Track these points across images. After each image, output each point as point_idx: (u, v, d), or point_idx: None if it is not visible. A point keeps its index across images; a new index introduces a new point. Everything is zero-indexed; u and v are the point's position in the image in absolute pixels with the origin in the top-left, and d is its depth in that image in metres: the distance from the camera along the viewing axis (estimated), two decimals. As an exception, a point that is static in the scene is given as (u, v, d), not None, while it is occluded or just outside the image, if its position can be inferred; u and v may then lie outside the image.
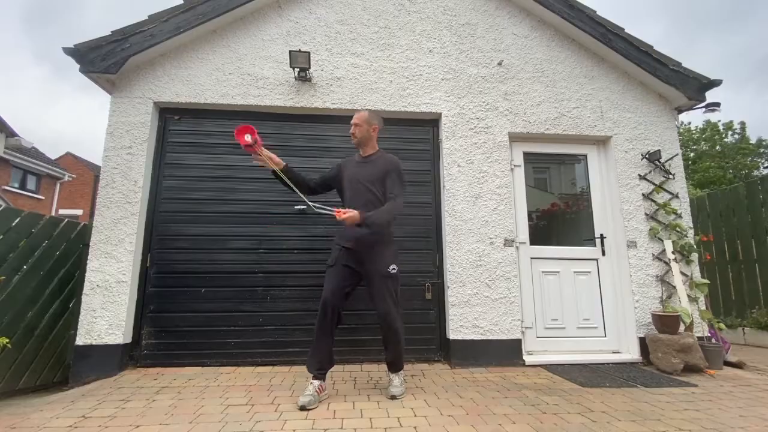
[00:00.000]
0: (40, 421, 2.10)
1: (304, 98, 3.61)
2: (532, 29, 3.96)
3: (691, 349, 3.10)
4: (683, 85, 3.75)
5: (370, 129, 2.65)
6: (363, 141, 2.65)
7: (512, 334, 3.35)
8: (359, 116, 2.65)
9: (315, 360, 2.41)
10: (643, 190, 3.72)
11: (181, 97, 3.51)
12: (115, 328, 3.07)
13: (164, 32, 3.38)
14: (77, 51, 3.23)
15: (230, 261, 3.39)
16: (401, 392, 2.45)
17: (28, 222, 3.15)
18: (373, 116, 2.69)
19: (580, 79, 3.90)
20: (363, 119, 2.63)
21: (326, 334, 2.40)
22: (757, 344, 4.41)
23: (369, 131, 2.65)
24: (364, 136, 2.64)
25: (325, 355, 2.42)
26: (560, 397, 2.49)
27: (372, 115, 2.69)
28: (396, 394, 2.42)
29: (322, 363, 2.42)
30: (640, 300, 3.51)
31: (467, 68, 3.81)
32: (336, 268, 2.47)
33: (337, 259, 2.49)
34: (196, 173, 3.51)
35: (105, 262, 3.16)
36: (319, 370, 2.40)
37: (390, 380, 2.54)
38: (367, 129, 2.64)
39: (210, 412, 2.20)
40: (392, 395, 2.42)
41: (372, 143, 2.69)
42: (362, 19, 3.82)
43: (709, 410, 2.27)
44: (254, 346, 3.26)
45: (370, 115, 2.67)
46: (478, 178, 3.60)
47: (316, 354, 2.42)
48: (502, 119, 3.74)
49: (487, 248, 3.48)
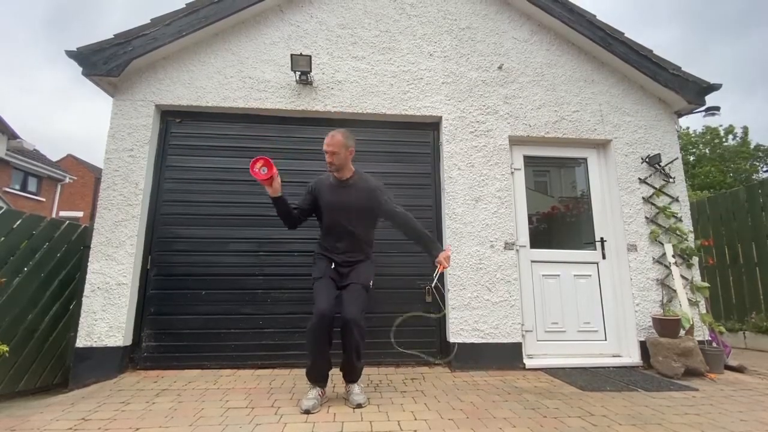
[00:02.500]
0: (39, 423, 2.10)
1: (305, 101, 3.63)
2: (532, 33, 3.98)
3: (692, 353, 3.09)
4: (683, 89, 3.76)
5: (347, 153, 2.48)
6: (341, 167, 2.49)
7: (512, 337, 3.34)
8: (334, 142, 2.44)
9: (316, 371, 2.37)
10: (643, 194, 3.73)
11: (183, 100, 3.52)
12: (116, 330, 3.07)
13: (166, 35, 3.40)
14: (80, 54, 3.25)
15: (231, 263, 3.40)
16: (365, 399, 2.35)
17: (29, 224, 3.16)
18: (348, 137, 2.50)
19: (580, 83, 3.92)
20: (339, 145, 2.43)
21: (325, 345, 2.33)
22: (758, 348, 4.40)
23: (346, 155, 2.48)
24: (342, 162, 2.47)
25: (325, 365, 2.40)
26: (560, 400, 2.48)
27: (347, 137, 2.49)
28: (361, 402, 2.31)
29: (323, 373, 2.39)
30: (640, 303, 3.51)
31: (468, 72, 3.83)
32: (325, 280, 2.44)
33: (326, 271, 2.47)
34: (197, 176, 3.52)
35: (105, 265, 3.17)
36: (321, 381, 2.38)
37: (349, 389, 2.42)
38: (345, 154, 2.46)
39: (210, 414, 2.20)
40: (358, 404, 2.30)
41: (349, 165, 2.54)
42: (363, 23, 3.84)
43: (710, 414, 2.27)
44: (254, 349, 3.26)
45: (345, 139, 2.46)
46: (478, 181, 3.61)
47: (316, 366, 2.37)
48: (502, 123, 3.75)
49: (488, 251, 3.48)
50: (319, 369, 2.37)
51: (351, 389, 2.41)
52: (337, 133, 2.48)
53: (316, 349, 2.32)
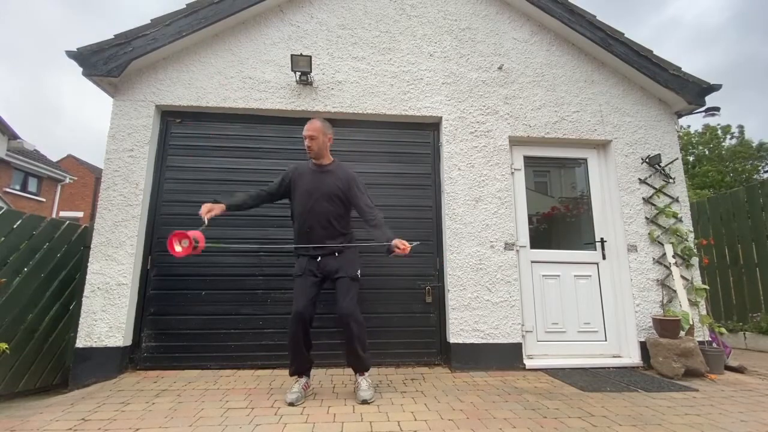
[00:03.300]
0: (39, 423, 2.10)
1: (305, 102, 3.63)
2: (533, 34, 3.98)
3: (692, 354, 3.09)
4: (683, 89, 3.76)
5: (326, 139, 2.58)
6: (320, 153, 2.58)
7: (513, 337, 3.34)
8: (313, 127, 2.54)
9: (295, 366, 2.50)
10: (643, 194, 3.73)
11: (183, 101, 3.52)
12: (116, 330, 3.07)
13: (167, 36, 3.40)
14: (80, 54, 3.25)
15: (231, 264, 3.40)
16: (371, 396, 2.37)
17: (30, 224, 3.16)
18: (327, 125, 2.62)
19: (580, 84, 3.92)
20: (318, 130, 2.54)
21: (302, 344, 2.42)
22: (758, 349, 4.40)
23: (325, 141, 2.58)
24: (320, 148, 2.56)
25: (304, 361, 2.51)
26: (561, 401, 2.48)
27: (325, 125, 2.61)
28: (367, 398, 2.34)
29: (302, 367, 2.52)
30: (640, 304, 3.50)
31: (468, 72, 3.83)
32: (304, 278, 2.48)
33: (305, 269, 2.50)
34: (197, 176, 3.52)
35: (106, 265, 3.17)
36: (299, 374, 2.51)
37: (357, 384, 2.46)
38: (323, 140, 2.56)
39: (210, 415, 2.20)
40: (363, 399, 2.34)
41: (327, 153, 2.63)
42: (363, 24, 3.84)
43: (710, 415, 2.26)
44: (254, 349, 3.26)
45: (323, 125, 2.59)
46: (478, 182, 3.61)
47: (295, 362, 2.49)
48: (502, 123, 3.75)
49: (488, 252, 3.48)
50: (299, 365, 2.50)
51: (359, 384, 2.44)
52: (316, 120, 2.59)
53: (295, 347, 2.42)
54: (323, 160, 2.62)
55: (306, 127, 2.55)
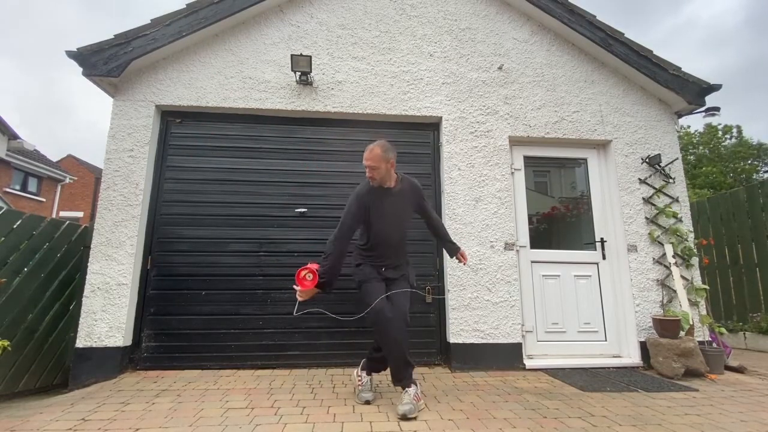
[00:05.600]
0: (39, 423, 2.10)
1: (305, 102, 3.63)
2: (533, 34, 3.98)
3: (692, 354, 3.09)
4: (683, 89, 3.76)
5: (389, 166, 2.35)
6: (384, 180, 2.38)
7: (513, 337, 3.34)
8: (373, 156, 2.31)
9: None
10: (643, 194, 3.72)
11: (183, 101, 3.52)
12: (116, 330, 3.07)
13: (166, 36, 3.40)
14: (80, 54, 3.25)
15: (231, 264, 3.40)
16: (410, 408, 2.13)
17: (30, 224, 3.16)
18: (387, 150, 2.34)
19: (580, 84, 3.92)
20: (379, 159, 2.30)
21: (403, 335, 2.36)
22: (758, 349, 4.40)
23: (388, 168, 2.36)
24: (383, 177, 2.37)
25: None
26: (561, 401, 2.48)
27: (386, 151, 2.33)
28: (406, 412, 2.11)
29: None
30: (640, 304, 3.50)
31: (468, 72, 3.83)
32: (374, 282, 2.40)
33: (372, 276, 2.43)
34: (197, 176, 3.52)
35: (106, 265, 3.17)
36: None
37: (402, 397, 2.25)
38: (386, 167, 2.34)
39: (210, 415, 2.20)
40: (403, 413, 2.11)
41: (392, 176, 2.43)
42: (363, 24, 3.84)
43: (710, 415, 2.27)
44: (254, 349, 3.26)
45: (384, 153, 2.31)
46: (478, 182, 3.60)
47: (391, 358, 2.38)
48: (502, 123, 3.75)
49: (488, 252, 3.48)
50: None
51: (402, 396, 2.27)
52: (376, 147, 2.33)
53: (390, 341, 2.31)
54: (389, 183, 2.43)
55: (365, 156, 2.34)
